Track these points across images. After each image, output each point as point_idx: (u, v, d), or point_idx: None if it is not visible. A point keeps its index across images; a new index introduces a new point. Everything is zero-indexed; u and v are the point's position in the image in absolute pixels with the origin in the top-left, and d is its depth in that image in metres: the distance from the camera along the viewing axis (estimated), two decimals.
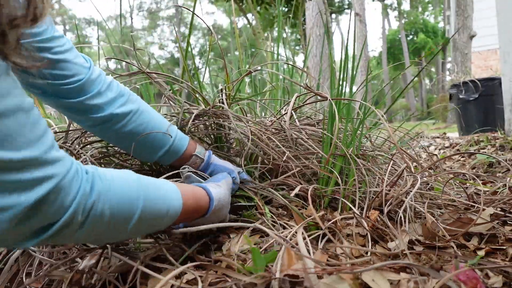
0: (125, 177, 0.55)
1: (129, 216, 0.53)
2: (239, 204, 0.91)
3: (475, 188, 1.13)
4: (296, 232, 0.71)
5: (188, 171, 0.83)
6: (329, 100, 0.92)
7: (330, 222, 0.75)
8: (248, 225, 0.74)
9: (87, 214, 0.47)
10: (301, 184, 0.93)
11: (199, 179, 0.82)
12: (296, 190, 0.79)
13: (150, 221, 0.57)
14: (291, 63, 1.48)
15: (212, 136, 1.08)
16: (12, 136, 0.39)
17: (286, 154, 0.94)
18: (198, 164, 0.92)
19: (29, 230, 0.43)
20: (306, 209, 0.87)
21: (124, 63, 1.12)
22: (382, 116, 1.01)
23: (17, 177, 0.39)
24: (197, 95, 1.06)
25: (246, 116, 1.19)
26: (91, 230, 0.49)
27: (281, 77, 1.50)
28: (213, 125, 1.06)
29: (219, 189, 0.76)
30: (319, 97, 1.02)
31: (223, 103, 1.00)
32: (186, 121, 1.01)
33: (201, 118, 1.04)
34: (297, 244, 0.61)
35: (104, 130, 0.79)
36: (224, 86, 1.04)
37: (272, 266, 0.57)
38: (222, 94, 1.01)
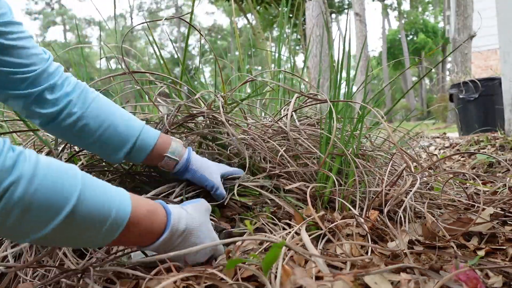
0: (64, 166, 0.48)
1: (56, 209, 0.45)
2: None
3: (475, 188, 1.13)
4: (296, 233, 0.71)
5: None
6: (328, 102, 0.92)
7: (332, 224, 0.75)
8: (244, 238, 0.68)
9: (0, 194, 0.41)
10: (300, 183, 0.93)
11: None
12: (292, 186, 0.78)
13: (84, 224, 0.48)
14: (288, 71, 1.48)
15: (208, 142, 1.05)
16: None
17: (280, 153, 0.94)
18: (172, 167, 0.83)
19: None
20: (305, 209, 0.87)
21: (124, 63, 1.12)
22: (382, 117, 1.01)
23: None
24: (194, 95, 1.06)
25: (246, 116, 1.19)
26: (2, 217, 0.42)
27: (281, 76, 1.50)
28: (209, 129, 1.06)
29: (181, 210, 0.63)
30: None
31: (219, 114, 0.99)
32: (180, 120, 1.00)
33: (195, 121, 1.03)
34: (301, 244, 0.60)
35: (58, 126, 0.72)
36: (220, 94, 1.02)
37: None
38: (219, 101, 0.98)
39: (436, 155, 2.39)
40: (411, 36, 27.07)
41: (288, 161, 0.96)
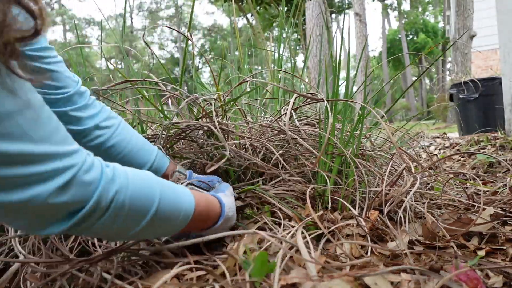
0: (143, 173, 0.57)
1: (145, 210, 0.53)
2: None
3: (475, 188, 1.13)
4: (295, 233, 0.71)
5: (189, 182, 0.82)
6: (325, 101, 0.92)
7: (334, 227, 0.75)
8: (249, 231, 0.73)
9: (109, 202, 0.48)
10: (299, 184, 0.93)
11: (201, 190, 0.80)
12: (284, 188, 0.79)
13: (163, 220, 0.57)
14: (287, 71, 1.48)
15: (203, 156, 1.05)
16: (31, 130, 0.41)
17: (275, 157, 0.94)
18: (180, 182, 0.91)
19: (53, 216, 0.45)
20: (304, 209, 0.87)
21: (124, 63, 1.12)
22: (383, 116, 1.01)
23: (37, 169, 0.41)
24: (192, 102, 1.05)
25: (246, 116, 1.19)
26: (110, 222, 0.50)
27: (281, 76, 1.50)
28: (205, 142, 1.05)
29: (227, 198, 0.76)
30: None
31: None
32: (172, 137, 1.01)
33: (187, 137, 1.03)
34: (297, 250, 0.60)
35: (86, 144, 0.78)
36: (215, 97, 1.01)
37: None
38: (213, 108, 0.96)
39: (436, 155, 2.39)
40: (411, 36, 27.08)
41: (283, 164, 0.96)
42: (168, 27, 1.06)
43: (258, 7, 7.19)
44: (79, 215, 0.46)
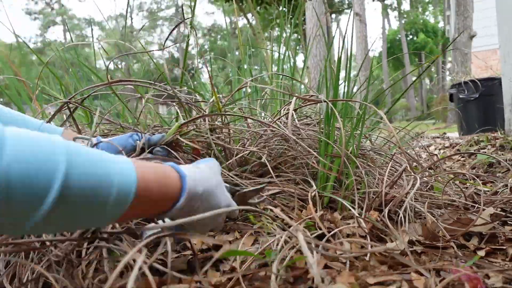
0: (34, 138, 0.38)
1: (42, 187, 0.36)
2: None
3: (475, 188, 1.13)
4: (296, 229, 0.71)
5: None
6: (327, 101, 0.92)
7: (337, 230, 0.75)
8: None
9: None
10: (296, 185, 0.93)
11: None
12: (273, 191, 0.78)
13: (82, 205, 0.40)
14: (285, 74, 1.48)
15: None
16: None
17: (264, 157, 0.94)
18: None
19: None
20: (306, 209, 0.87)
21: (124, 63, 1.12)
22: (384, 115, 1.01)
23: None
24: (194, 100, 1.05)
25: (246, 118, 1.19)
26: None
27: (281, 76, 1.50)
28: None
29: (196, 170, 0.56)
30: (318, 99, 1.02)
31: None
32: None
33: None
34: (298, 251, 0.60)
35: None
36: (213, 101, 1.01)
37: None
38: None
39: (436, 155, 2.39)
40: (411, 36, 27.08)
41: (281, 166, 0.96)
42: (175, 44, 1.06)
43: (258, 7, 7.19)
44: None
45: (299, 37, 7.74)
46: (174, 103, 1.09)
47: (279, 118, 1.09)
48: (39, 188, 0.36)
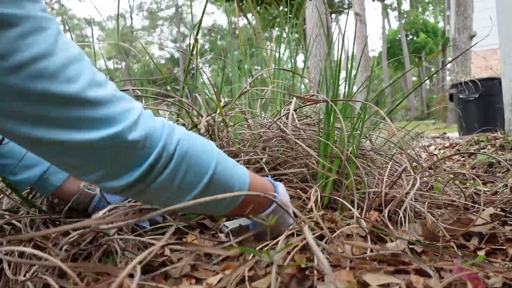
0: (197, 135, 0.55)
1: (205, 168, 0.51)
2: None
3: (475, 188, 1.13)
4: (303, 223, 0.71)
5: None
6: (328, 101, 0.92)
7: (339, 231, 0.75)
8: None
9: (174, 149, 0.48)
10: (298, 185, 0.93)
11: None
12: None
13: (220, 187, 0.54)
14: (289, 67, 1.48)
15: None
16: (82, 72, 0.42)
17: (264, 158, 0.94)
18: (88, 199, 0.79)
19: (123, 164, 0.46)
20: (305, 210, 0.87)
21: (124, 63, 1.12)
22: (385, 115, 1.01)
23: (101, 112, 0.42)
24: (191, 110, 1.04)
25: (247, 120, 1.19)
26: (172, 177, 0.49)
27: (281, 78, 1.50)
28: None
29: (283, 188, 0.70)
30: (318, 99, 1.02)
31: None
32: None
33: None
34: (302, 249, 0.61)
35: None
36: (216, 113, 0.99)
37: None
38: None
39: (436, 155, 2.39)
40: (411, 36, 27.08)
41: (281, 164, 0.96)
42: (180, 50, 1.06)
43: (258, 7, 7.19)
44: (148, 162, 0.46)
45: (299, 37, 7.74)
46: (172, 106, 1.09)
47: (279, 118, 1.09)
48: (202, 171, 0.51)
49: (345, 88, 1.05)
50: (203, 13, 1.02)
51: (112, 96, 0.44)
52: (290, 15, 1.67)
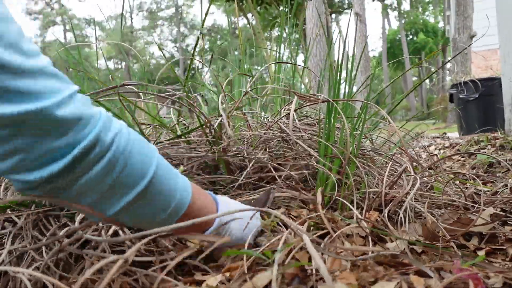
0: (140, 136, 0.49)
1: (143, 171, 0.45)
2: None
3: (475, 188, 1.13)
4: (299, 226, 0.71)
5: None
6: (330, 100, 0.92)
7: (340, 231, 0.75)
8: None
9: (110, 142, 0.42)
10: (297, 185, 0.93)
11: None
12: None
13: (157, 196, 0.48)
14: (290, 62, 1.48)
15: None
16: (20, 42, 0.37)
17: (261, 156, 0.94)
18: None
19: (42, 150, 0.39)
20: (307, 209, 0.87)
21: (124, 63, 1.12)
22: (387, 115, 1.01)
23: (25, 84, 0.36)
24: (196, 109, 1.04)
25: (247, 120, 1.19)
26: (105, 172, 0.42)
27: (281, 76, 1.50)
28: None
29: (225, 198, 0.65)
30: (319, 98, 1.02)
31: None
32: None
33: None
34: (302, 249, 0.61)
35: None
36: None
37: None
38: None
39: (436, 155, 2.39)
40: (411, 36, 27.10)
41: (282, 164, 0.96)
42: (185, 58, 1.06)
43: (258, 7, 7.19)
44: (78, 149, 0.40)
45: (299, 37, 7.74)
46: (174, 104, 1.09)
47: (280, 119, 1.09)
48: (142, 171, 0.46)
49: (345, 88, 1.05)
50: (207, 12, 1.02)
51: (41, 68, 0.39)
52: (290, 15, 1.67)
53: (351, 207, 0.82)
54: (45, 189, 0.41)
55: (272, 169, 0.94)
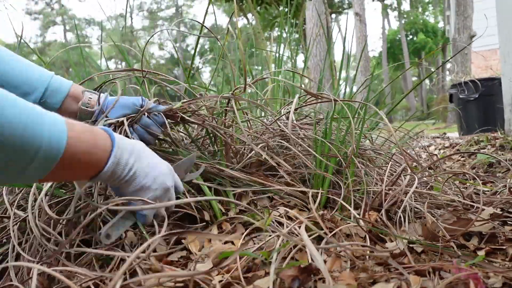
0: None
1: None
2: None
3: (475, 188, 1.13)
4: (292, 232, 0.71)
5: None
6: (336, 100, 0.92)
7: (337, 229, 0.75)
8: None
9: None
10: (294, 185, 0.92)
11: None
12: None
13: (10, 153, 0.40)
14: (290, 65, 1.48)
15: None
16: None
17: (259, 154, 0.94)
18: (88, 118, 0.82)
19: None
20: (307, 209, 0.87)
21: (124, 63, 1.12)
22: (384, 115, 1.01)
23: None
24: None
25: (248, 117, 1.19)
26: None
27: (281, 76, 1.50)
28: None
29: (129, 140, 0.59)
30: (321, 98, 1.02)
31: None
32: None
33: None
34: (300, 250, 0.60)
35: None
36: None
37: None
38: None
39: (436, 155, 2.39)
40: (411, 36, 27.10)
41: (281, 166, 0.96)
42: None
43: (258, 7, 7.19)
44: None
45: (299, 37, 7.74)
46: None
47: (278, 118, 1.09)
48: None
49: (345, 88, 1.05)
50: (206, 12, 1.02)
51: None
52: (290, 15, 1.67)
53: (348, 207, 0.82)
54: None
55: (272, 163, 0.94)
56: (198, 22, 0.97)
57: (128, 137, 0.76)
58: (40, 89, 0.78)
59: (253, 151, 0.99)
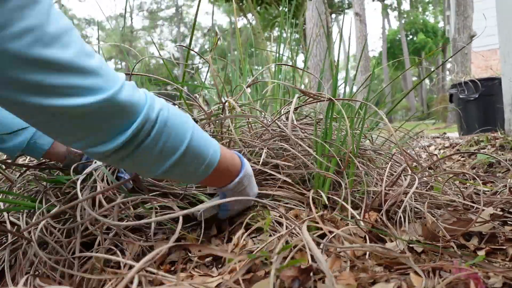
0: (177, 111, 0.59)
1: (182, 136, 0.56)
2: None
3: (475, 188, 1.13)
4: (293, 233, 0.71)
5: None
6: (333, 99, 0.92)
7: (338, 231, 0.75)
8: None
9: (156, 116, 0.53)
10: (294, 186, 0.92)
11: None
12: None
13: (194, 157, 0.59)
14: (290, 64, 1.48)
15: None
16: (74, 42, 0.45)
17: (262, 157, 0.94)
18: (77, 161, 0.86)
19: (109, 129, 0.50)
20: (306, 209, 0.87)
21: (124, 63, 1.12)
22: (384, 115, 1.01)
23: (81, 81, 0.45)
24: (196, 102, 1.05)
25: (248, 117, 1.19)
26: (154, 143, 0.53)
27: (281, 76, 1.50)
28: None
29: (246, 161, 0.78)
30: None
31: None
32: None
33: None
34: (301, 250, 0.60)
35: None
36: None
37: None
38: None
39: (436, 155, 2.39)
40: (411, 36, 27.09)
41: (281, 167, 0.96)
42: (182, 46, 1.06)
43: (258, 7, 7.19)
44: (133, 127, 0.50)
45: (299, 37, 7.74)
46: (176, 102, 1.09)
47: (278, 118, 1.09)
48: (181, 136, 0.57)
49: (345, 88, 1.05)
50: (197, 8, 1.01)
51: (100, 66, 0.48)
52: (290, 15, 1.67)
53: (347, 207, 0.82)
54: (114, 158, 0.53)
55: (274, 160, 0.94)
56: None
57: (118, 179, 0.84)
58: (30, 130, 0.79)
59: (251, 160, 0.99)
